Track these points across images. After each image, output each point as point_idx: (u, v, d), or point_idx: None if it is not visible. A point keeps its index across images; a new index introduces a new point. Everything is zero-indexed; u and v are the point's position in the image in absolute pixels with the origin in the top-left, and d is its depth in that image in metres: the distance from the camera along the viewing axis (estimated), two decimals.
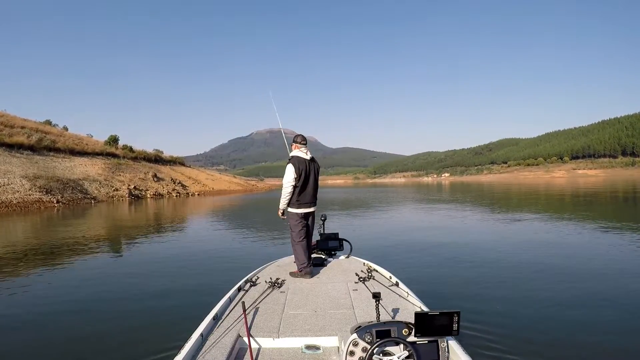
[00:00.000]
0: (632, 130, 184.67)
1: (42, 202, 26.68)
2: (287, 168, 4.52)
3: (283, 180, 4.59)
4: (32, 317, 5.03)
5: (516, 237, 10.93)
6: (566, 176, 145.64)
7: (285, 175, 4.55)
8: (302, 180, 4.54)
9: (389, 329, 2.39)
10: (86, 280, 7.01)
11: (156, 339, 4.09)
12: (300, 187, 4.56)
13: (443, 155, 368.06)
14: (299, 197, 4.58)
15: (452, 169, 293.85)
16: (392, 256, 8.34)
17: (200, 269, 7.74)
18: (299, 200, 4.59)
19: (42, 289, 6.43)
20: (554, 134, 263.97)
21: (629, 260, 7.64)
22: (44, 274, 7.51)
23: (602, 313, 4.72)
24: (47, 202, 27.13)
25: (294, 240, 4.66)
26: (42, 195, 27.48)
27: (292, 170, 4.49)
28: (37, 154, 35.91)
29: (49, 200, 27.46)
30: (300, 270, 4.53)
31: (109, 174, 40.08)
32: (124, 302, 5.66)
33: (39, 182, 28.84)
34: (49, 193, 28.34)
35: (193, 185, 51.80)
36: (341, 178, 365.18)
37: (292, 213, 4.66)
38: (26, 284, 6.73)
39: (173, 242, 11.60)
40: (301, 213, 4.63)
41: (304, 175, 4.54)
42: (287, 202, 4.63)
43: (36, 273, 7.60)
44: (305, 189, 4.60)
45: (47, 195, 27.89)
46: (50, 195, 28.25)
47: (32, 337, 4.40)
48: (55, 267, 8.08)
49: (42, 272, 7.70)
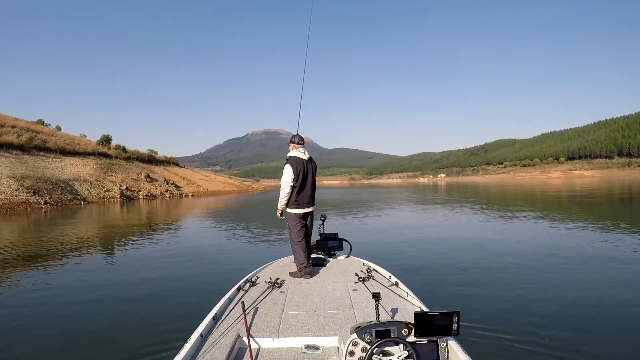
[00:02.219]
0: (628, 130, 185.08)
1: (29, 204, 25.87)
2: (285, 168, 4.50)
3: (281, 180, 4.54)
4: (30, 318, 5.00)
5: (515, 237, 10.89)
6: (562, 177, 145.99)
7: (283, 176, 4.51)
8: (300, 180, 4.50)
9: (388, 329, 2.37)
10: (84, 281, 6.92)
11: (156, 339, 4.09)
12: (299, 187, 4.52)
13: (439, 156, 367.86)
14: (298, 197, 4.55)
15: (448, 170, 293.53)
16: (391, 256, 8.32)
17: (200, 270, 7.70)
18: (298, 201, 4.56)
19: (38, 290, 6.28)
20: (550, 135, 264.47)
21: (629, 260, 7.56)
22: (38, 276, 7.30)
23: (602, 313, 4.70)
24: (34, 203, 26.32)
25: (293, 241, 4.64)
26: (29, 196, 26.65)
27: (290, 171, 4.45)
28: (27, 153, 35.16)
29: (36, 201, 26.64)
30: (300, 271, 4.51)
31: (101, 175, 39.28)
32: (123, 302, 5.62)
33: (26, 183, 28.01)
34: (36, 194, 27.51)
35: (187, 186, 51.10)
36: (337, 179, 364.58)
37: (290, 213, 4.63)
38: (21, 286, 6.62)
39: (171, 243, 11.39)
40: (300, 213, 4.61)
41: (302, 176, 4.51)
42: (286, 202, 4.59)
43: (29, 276, 7.40)
44: (303, 189, 4.57)
45: (34, 196, 27.06)
46: (38, 196, 27.43)
47: (32, 338, 4.36)
48: (48, 269, 7.87)
49: (37, 274, 7.49)
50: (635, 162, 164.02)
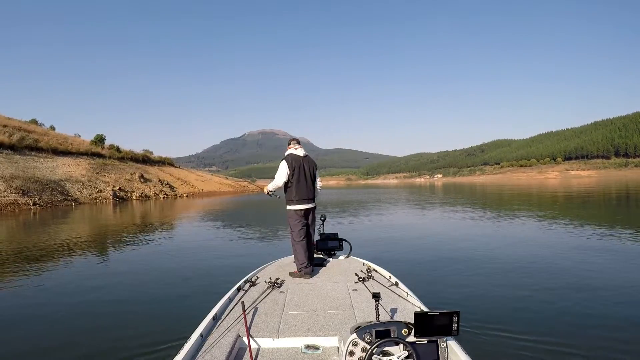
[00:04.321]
0: (624, 131, 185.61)
1: (18, 205, 25.10)
2: (281, 164, 4.61)
3: (276, 174, 4.64)
4: (29, 320, 4.92)
5: (515, 237, 10.84)
6: (559, 177, 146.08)
7: (278, 170, 4.61)
8: (296, 174, 4.56)
9: (388, 329, 2.35)
10: (82, 281, 6.83)
11: (156, 339, 4.06)
12: (296, 182, 4.57)
13: (435, 157, 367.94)
14: (297, 193, 4.58)
15: (445, 170, 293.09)
16: (391, 256, 8.28)
17: (200, 270, 7.62)
18: (298, 196, 4.59)
19: (35, 292, 6.21)
20: (547, 135, 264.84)
21: (630, 259, 7.50)
22: (34, 278, 7.17)
23: (603, 313, 4.67)
24: (22, 204, 25.54)
25: (294, 240, 4.64)
26: (17, 197, 25.89)
27: (285, 166, 4.57)
28: (18, 153, 34.43)
29: (24, 202, 25.87)
30: (300, 270, 4.51)
31: (93, 175, 38.53)
32: (123, 303, 5.56)
33: (15, 183, 27.25)
34: (25, 195, 26.75)
35: (182, 187, 50.43)
36: (333, 179, 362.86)
37: (291, 212, 4.65)
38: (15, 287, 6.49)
39: (170, 244, 11.24)
40: (301, 211, 4.62)
41: (297, 171, 4.57)
42: (274, 188, 4.77)
43: (24, 277, 7.24)
44: (300, 184, 4.60)
45: (23, 197, 26.29)
46: (27, 196, 26.67)
47: (30, 339, 4.29)
48: (44, 270, 7.74)
49: (33, 275, 7.36)
50: (632, 162, 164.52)
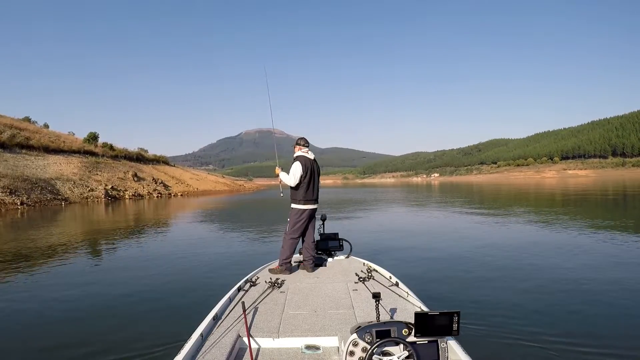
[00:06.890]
0: (622, 130, 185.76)
1: (4, 204, 24.26)
2: (295, 164, 4.67)
3: (290, 171, 4.69)
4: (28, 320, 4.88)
5: (515, 237, 10.86)
6: (557, 176, 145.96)
7: (292, 169, 4.66)
8: (307, 177, 4.67)
9: (388, 329, 2.34)
10: (80, 282, 6.80)
11: (156, 339, 4.05)
12: (307, 184, 4.68)
13: (432, 156, 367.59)
14: (306, 194, 4.69)
15: (442, 169, 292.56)
16: (392, 256, 8.29)
17: (200, 270, 7.59)
18: (306, 197, 4.69)
19: (32, 292, 6.15)
20: (544, 135, 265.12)
21: (630, 259, 7.49)
22: (30, 278, 7.09)
23: (603, 312, 4.68)
24: (9, 203, 24.70)
25: (287, 234, 4.70)
26: (4, 197, 25.04)
27: (299, 168, 4.65)
28: (8, 151, 33.54)
29: (11, 201, 25.03)
30: (281, 265, 4.54)
31: (85, 173, 37.64)
32: (122, 303, 5.53)
33: (3, 182, 26.39)
34: (13, 194, 25.91)
35: (176, 186, 49.62)
36: (330, 178, 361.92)
37: (295, 209, 4.73)
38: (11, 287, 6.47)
39: (169, 244, 11.18)
40: (306, 210, 4.72)
41: (309, 174, 4.69)
42: (285, 182, 4.78)
43: (20, 277, 7.17)
44: (310, 186, 4.71)
45: (10, 196, 25.44)
46: (15, 196, 25.83)
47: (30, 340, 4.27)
48: (40, 271, 7.65)
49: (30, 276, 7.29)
50: (630, 162, 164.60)
